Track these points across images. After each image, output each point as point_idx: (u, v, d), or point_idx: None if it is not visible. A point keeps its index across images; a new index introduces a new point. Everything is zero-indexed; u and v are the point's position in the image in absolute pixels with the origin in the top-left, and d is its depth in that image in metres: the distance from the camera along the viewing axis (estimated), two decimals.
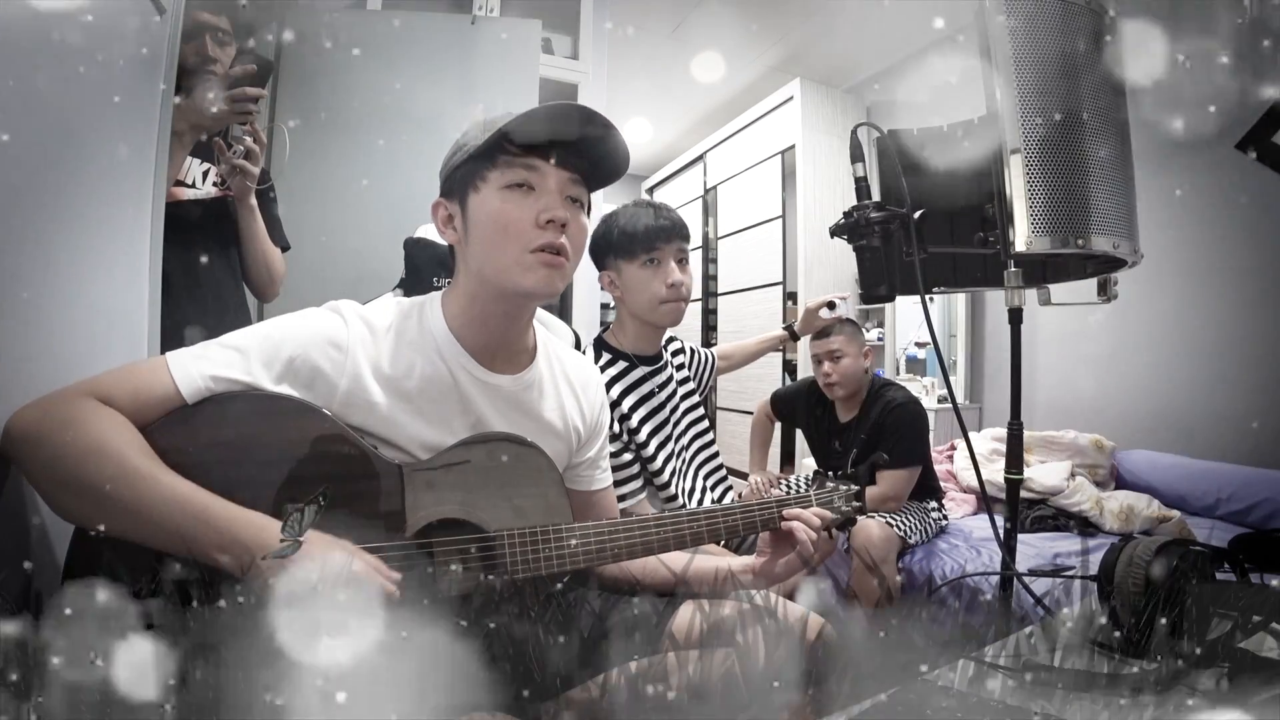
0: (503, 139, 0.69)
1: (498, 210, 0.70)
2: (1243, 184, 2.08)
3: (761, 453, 2.17)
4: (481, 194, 0.71)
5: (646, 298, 1.19)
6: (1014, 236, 0.86)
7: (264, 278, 1.34)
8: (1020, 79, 0.85)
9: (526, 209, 0.69)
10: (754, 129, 3.68)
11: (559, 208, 0.70)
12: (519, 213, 0.69)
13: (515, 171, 0.70)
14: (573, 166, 0.72)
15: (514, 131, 0.68)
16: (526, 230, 0.69)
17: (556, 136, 0.69)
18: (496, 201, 0.70)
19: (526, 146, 0.69)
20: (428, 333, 0.73)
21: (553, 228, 0.69)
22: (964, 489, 2.35)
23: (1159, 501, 1.97)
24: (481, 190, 0.71)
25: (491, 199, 0.70)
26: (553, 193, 0.70)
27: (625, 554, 0.74)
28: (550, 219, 0.69)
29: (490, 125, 0.69)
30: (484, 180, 0.70)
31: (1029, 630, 0.71)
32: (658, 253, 1.19)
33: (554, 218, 0.69)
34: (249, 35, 1.34)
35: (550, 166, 0.70)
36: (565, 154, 0.71)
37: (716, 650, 0.75)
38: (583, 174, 0.73)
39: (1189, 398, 2.26)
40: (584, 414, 0.85)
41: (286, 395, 0.65)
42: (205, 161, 1.25)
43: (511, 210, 0.69)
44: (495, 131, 0.68)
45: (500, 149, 0.69)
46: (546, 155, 0.70)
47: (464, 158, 0.71)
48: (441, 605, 0.65)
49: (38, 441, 0.57)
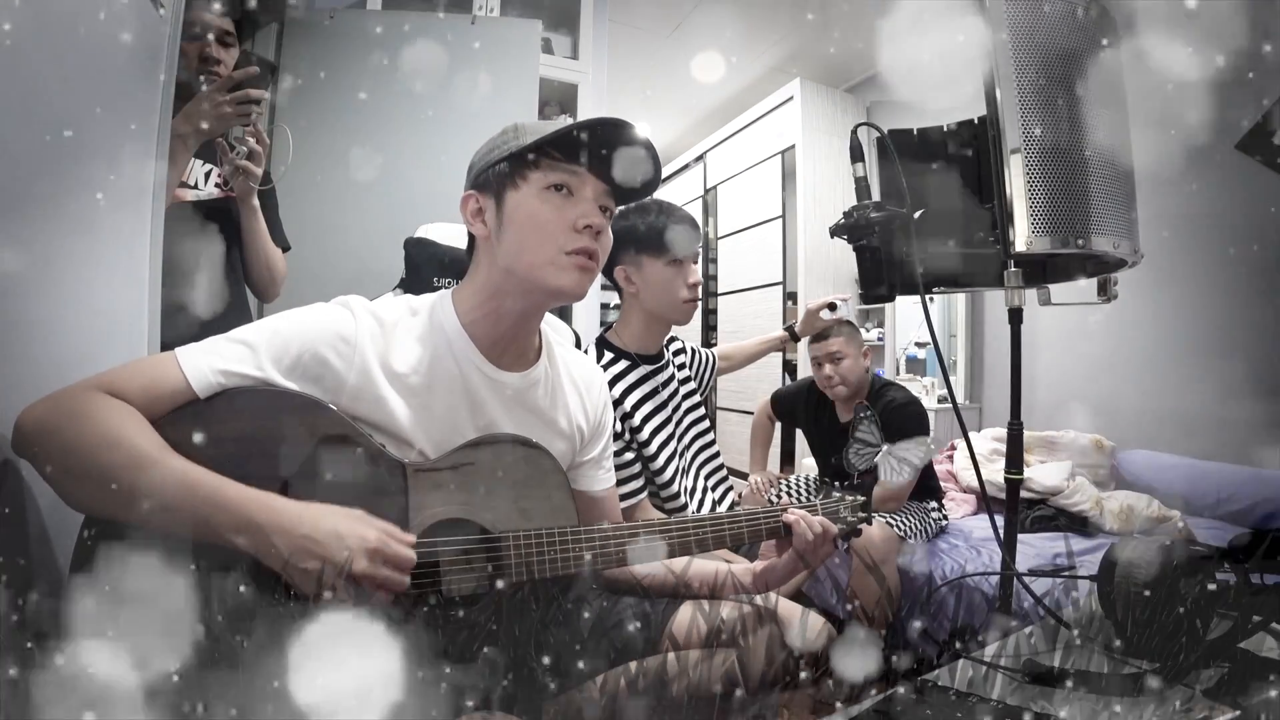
0: (550, 144, 0.71)
1: (537, 210, 0.71)
2: (1243, 184, 2.08)
3: (762, 453, 2.17)
4: (521, 192, 0.72)
5: (669, 296, 1.21)
6: (1014, 236, 0.86)
7: (265, 278, 1.34)
8: (1020, 79, 0.85)
9: (565, 211, 0.71)
10: (754, 129, 3.68)
11: (595, 215, 0.72)
12: (557, 215, 0.71)
13: (558, 174, 0.72)
14: (608, 178, 0.74)
15: (561, 136, 0.70)
16: (563, 232, 0.71)
17: (597, 146, 0.72)
18: (536, 201, 0.71)
19: (571, 153, 0.72)
20: (439, 328, 0.74)
21: (589, 233, 0.72)
22: (964, 489, 2.35)
23: (1159, 501, 1.97)
24: (521, 188, 0.72)
25: (531, 198, 0.72)
26: (589, 200, 0.73)
27: (630, 558, 0.74)
28: (588, 224, 0.71)
29: (533, 130, 0.72)
30: (525, 179, 0.72)
31: (1029, 630, 0.71)
32: (683, 253, 1.20)
33: (591, 224, 0.72)
34: (251, 37, 1.35)
35: (590, 175, 0.73)
36: (605, 166, 0.73)
37: (716, 651, 0.75)
38: (615, 187, 0.75)
39: (1189, 398, 2.26)
40: (587, 413, 0.85)
41: (295, 390, 0.65)
42: (208, 162, 1.25)
43: (550, 211, 0.71)
44: (546, 134, 0.70)
45: (545, 152, 0.71)
46: (589, 164, 0.73)
47: (503, 155, 0.73)
48: (443, 605, 0.65)
49: (50, 434, 0.58)
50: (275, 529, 0.57)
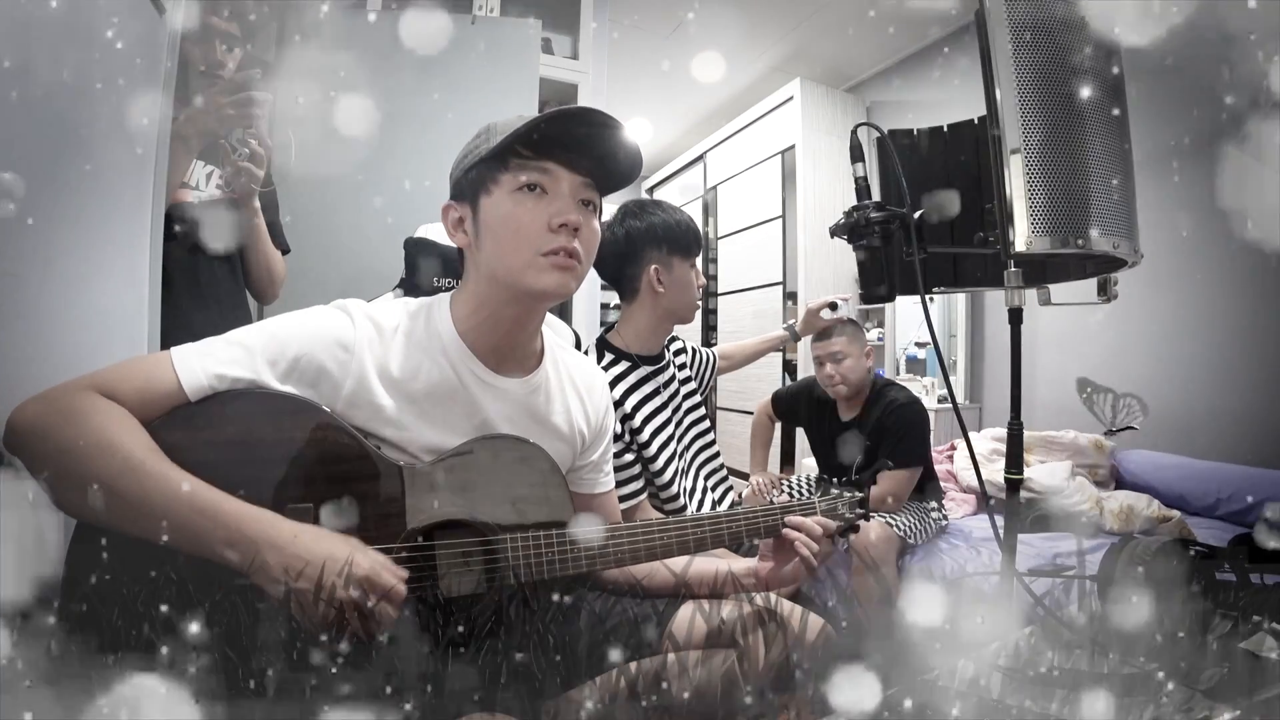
0: (515, 142, 0.68)
1: (510, 213, 0.69)
2: (1243, 184, 2.08)
3: (762, 453, 2.17)
4: (494, 196, 0.70)
5: (689, 296, 1.23)
6: (1014, 236, 0.86)
7: (265, 280, 1.34)
8: (1020, 79, 0.85)
9: (539, 212, 0.69)
10: (754, 129, 3.68)
11: (571, 211, 0.70)
12: (531, 215, 0.69)
13: (528, 174, 0.69)
14: (585, 170, 0.71)
15: (524, 134, 0.68)
16: (539, 233, 0.69)
17: (566, 138, 0.69)
18: (509, 204, 0.69)
19: (539, 149, 0.69)
20: (435, 335, 0.73)
21: (565, 231, 0.69)
22: (964, 489, 2.35)
23: (1159, 501, 1.97)
24: (494, 193, 0.70)
25: (503, 201, 0.70)
26: (565, 196, 0.70)
27: (629, 558, 0.74)
28: (563, 223, 0.69)
29: (502, 129, 0.69)
30: (496, 183, 0.70)
31: (1029, 630, 0.71)
32: (699, 252, 1.23)
33: (566, 221, 0.69)
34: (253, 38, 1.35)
35: (562, 169, 0.70)
36: (578, 157, 0.70)
37: (716, 651, 0.75)
38: (595, 177, 0.73)
39: (1189, 398, 2.26)
40: (589, 417, 0.85)
41: (290, 394, 0.65)
42: (208, 164, 1.25)
43: (524, 213, 0.69)
44: (508, 135, 0.68)
45: (513, 152, 0.69)
46: (559, 158, 0.70)
47: (475, 161, 0.71)
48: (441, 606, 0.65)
49: (42, 435, 0.57)
50: (268, 545, 0.56)
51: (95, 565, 0.57)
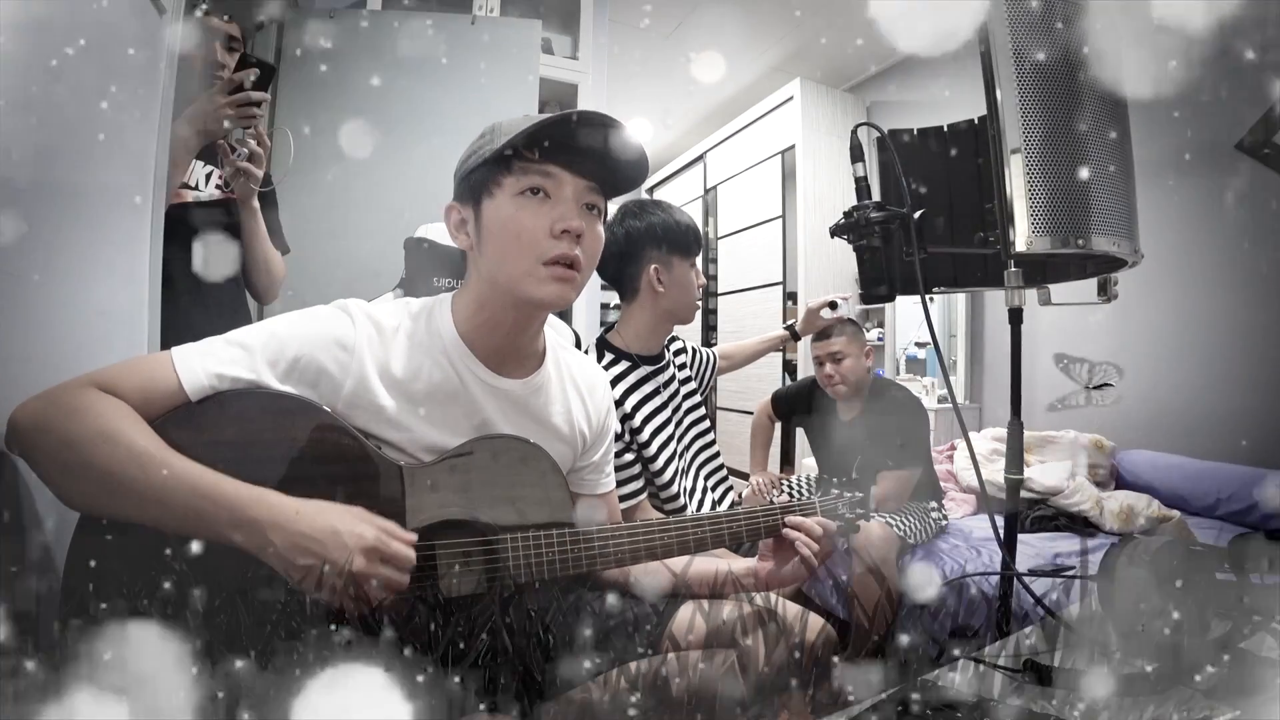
0: (517, 145, 0.67)
1: (511, 217, 0.68)
2: (1243, 184, 2.08)
3: (762, 453, 2.17)
4: (496, 200, 0.69)
5: (690, 296, 1.24)
6: (1014, 236, 0.86)
7: (264, 280, 1.34)
8: (1021, 79, 0.85)
9: (541, 217, 0.68)
10: (754, 129, 3.68)
11: (574, 217, 0.69)
12: (533, 221, 0.68)
13: (531, 177, 0.68)
14: (589, 173, 0.70)
15: (528, 137, 0.67)
16: (540, 240, 0.68)
17: (570, 141, 0.68)
18: (511, 208, 0.68)
19: (542, 152, 0.68)
20: (436, 336, 0.72)
21: (567, 238, 0.68)
22: (964, 489, 2.35)
23: (1159, 501, 1.97)
24: (496, 196, 0.69)
25: (506, 205, 0.69)
26: (569, 200, 0.69)
27: (629, 558, 0.74)
28: (565, 229, 0.68)
29: (507, 129, 0.68)
30: (499, 186, 0.69)
31: (1029, 630, 0.71)
32: (699, 252, 1.23)
33: (569, 228, 0.68)
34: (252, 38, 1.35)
35: (566, 174, 0.69)
36: (582, 161, 0.69)
37: (716, 651, 0.75)
38: (599, 180, 0.72)
39: (1189, 398, 2.26)
40: (590, 418, 0.84)
41: (290, 394, 0.65)
42: (208, 164, 1.25)
43: (526, 218, 0.68)
44: (510, 138, 0.67)
45: (517, 154, 0.68)
46: (562, 161, 0.69)
47: (479, 162, 0.70)
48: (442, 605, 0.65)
49: (45, 430, 0.57)
50: (272, 525, 0.57)
51: (98, 558, 0.57)
